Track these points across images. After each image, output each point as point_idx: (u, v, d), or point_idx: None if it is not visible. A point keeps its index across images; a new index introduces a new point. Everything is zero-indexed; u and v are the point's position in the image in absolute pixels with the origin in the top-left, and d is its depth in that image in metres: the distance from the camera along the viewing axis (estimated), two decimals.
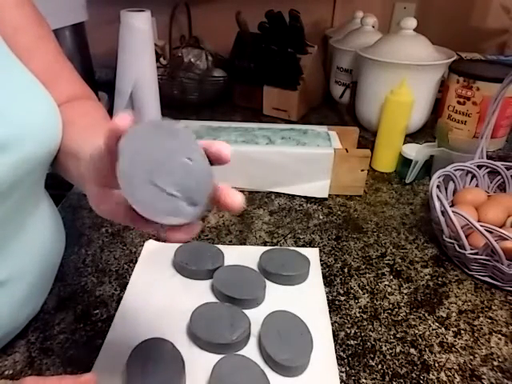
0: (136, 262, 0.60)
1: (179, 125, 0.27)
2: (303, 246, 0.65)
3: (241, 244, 0.66)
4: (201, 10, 1.24)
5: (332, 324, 0.52)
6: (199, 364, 0.46)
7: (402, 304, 0.55)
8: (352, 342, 0.50)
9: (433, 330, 0.52)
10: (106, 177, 0.29)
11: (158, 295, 0.55)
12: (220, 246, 0.62)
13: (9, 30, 0.42)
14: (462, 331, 0.52)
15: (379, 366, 0.47)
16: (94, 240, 0.65)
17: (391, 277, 0.60)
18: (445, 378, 0.46)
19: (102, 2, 1.13)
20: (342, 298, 0.56)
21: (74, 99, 0.50)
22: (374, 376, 0.46)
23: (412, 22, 0.91)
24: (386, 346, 0.49)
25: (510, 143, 1.00)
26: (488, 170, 0.72)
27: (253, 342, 0.49)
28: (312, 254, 0.62)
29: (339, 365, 0.47)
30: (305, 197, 0.78)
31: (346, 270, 0.61)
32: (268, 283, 0.56)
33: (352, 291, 0.57)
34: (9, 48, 0.41)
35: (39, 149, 0.40)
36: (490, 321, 0.53)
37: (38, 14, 0.47)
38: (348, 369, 0.47)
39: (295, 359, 0.45)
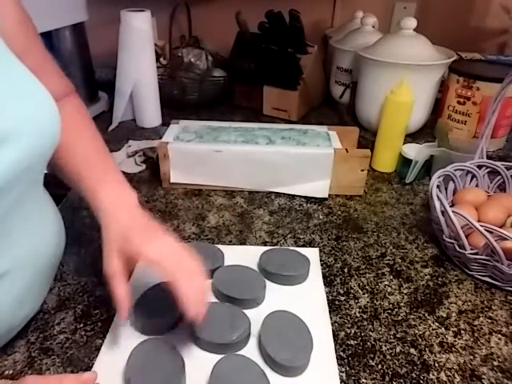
0: None
1: None
2: (303, 246, 0.65)
3: (241, 244, 0.66)
4: (201, 10, 1.24)
5: (332, 324, 0.52)
6: (199, 364, 0.46)
7: (402, 304, 0.55)
8: (352, 342, 0.50)
9: (433, 330, 0.52)
10: None
11: None
12: (220, 246, 0.62)
13: (7, 28, 0.42)
14: (462, 331, 0.52)
15: (379, 366, 0.47)
16: (94, 240, 0.65)
17: (391, 277, 0.60)
18: (445, 378, 0.46)
19: (102, 1, 1.14)
20: (342, 298, 0.56)
21: (57, 96, 0.50)
22: (374, 376, 0.46)
23: (412, 22, 0.91)
24: (385, 345, 0.49)
25: (510, 143, 1.00)
26: (488, 170, 0.72)
27: (253, 342, 0.49)
28: (312, 253, 0.62)
29: (339, 365, 0.47)
30: (305, 197, 0.78)
31: (346, 270, 0.61)
32: (268, 283, 0.56)
33: (352, 291, 0.57)
34: (5, 43, 0.41)
35: (38, 142, 0.40)
36: (489, 321, 0.53)
37: (26, 11, 0.48)
38: (348, 369, 0.47)
39: (295, 359, 0.45)
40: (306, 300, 0.55)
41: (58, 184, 0.61)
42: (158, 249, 0.44)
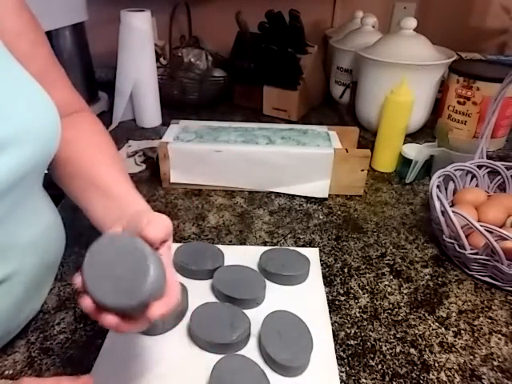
0: None
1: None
2: (303, 246, 0.65)
3: (241, 244, 0.66)
4: (201, 10, 1.24)
5: (332, 324, 0.52)
6: (199, 364, 0.46)
7: (402, 304, 0.55)
8: (352, 342, 0.50)
9: (433, 330, 0.52)
10: None
11: None
12: (220, 246, 0.62)
13: (8, 36, 0.42)
14: (462, 331, 0.52)
15: (379, 366, 0.47)
16: (94, 240, 0.65)
17: (391, 277, 0.60)
18: (445, 378, 0.46)
19: (102, 1, 1.13)
20: (342, 298, 0.56)
21: (67, 110, 0.50)
22: (374, 376, 0.46)
23: (412, 22, 0.91)
24: (386, 345, 0.49)
25: (510, 143, 1.00)
26: (488, 170, 0.72)
27: (253, 342, 0.49)
28: (312, 254, 0.62)
29: (339, 365, 0.47)
30: (305, 197, 0.78)
31: (346, 270, 0.61)
32: (268, 283, 0.56)
33: (352, 291, 0.57)
34: (7, 49, 0.41)
35: (39, 146, 0.40)
36: (489, 321, 0.53)
37: (34, 19, 0.47)
38: (348, 369, 0.47)
39: (295, 359, 0.45)
40: (306, 300, 0.55)
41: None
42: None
